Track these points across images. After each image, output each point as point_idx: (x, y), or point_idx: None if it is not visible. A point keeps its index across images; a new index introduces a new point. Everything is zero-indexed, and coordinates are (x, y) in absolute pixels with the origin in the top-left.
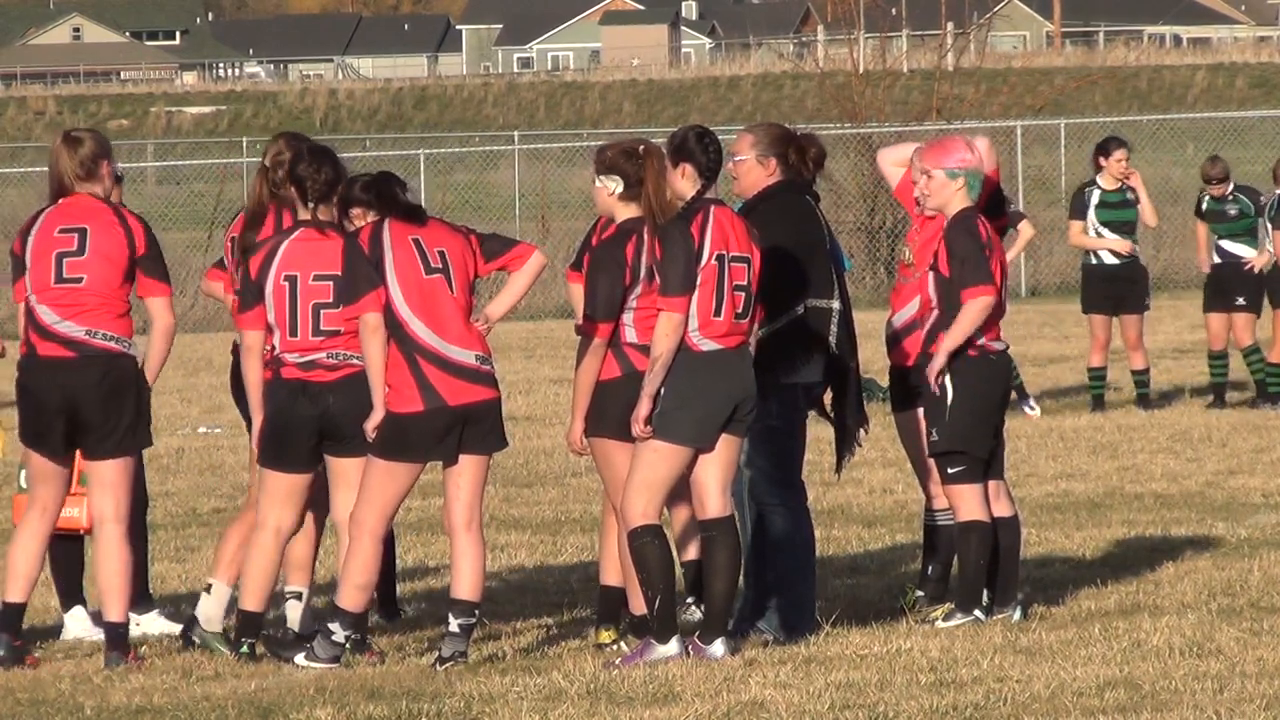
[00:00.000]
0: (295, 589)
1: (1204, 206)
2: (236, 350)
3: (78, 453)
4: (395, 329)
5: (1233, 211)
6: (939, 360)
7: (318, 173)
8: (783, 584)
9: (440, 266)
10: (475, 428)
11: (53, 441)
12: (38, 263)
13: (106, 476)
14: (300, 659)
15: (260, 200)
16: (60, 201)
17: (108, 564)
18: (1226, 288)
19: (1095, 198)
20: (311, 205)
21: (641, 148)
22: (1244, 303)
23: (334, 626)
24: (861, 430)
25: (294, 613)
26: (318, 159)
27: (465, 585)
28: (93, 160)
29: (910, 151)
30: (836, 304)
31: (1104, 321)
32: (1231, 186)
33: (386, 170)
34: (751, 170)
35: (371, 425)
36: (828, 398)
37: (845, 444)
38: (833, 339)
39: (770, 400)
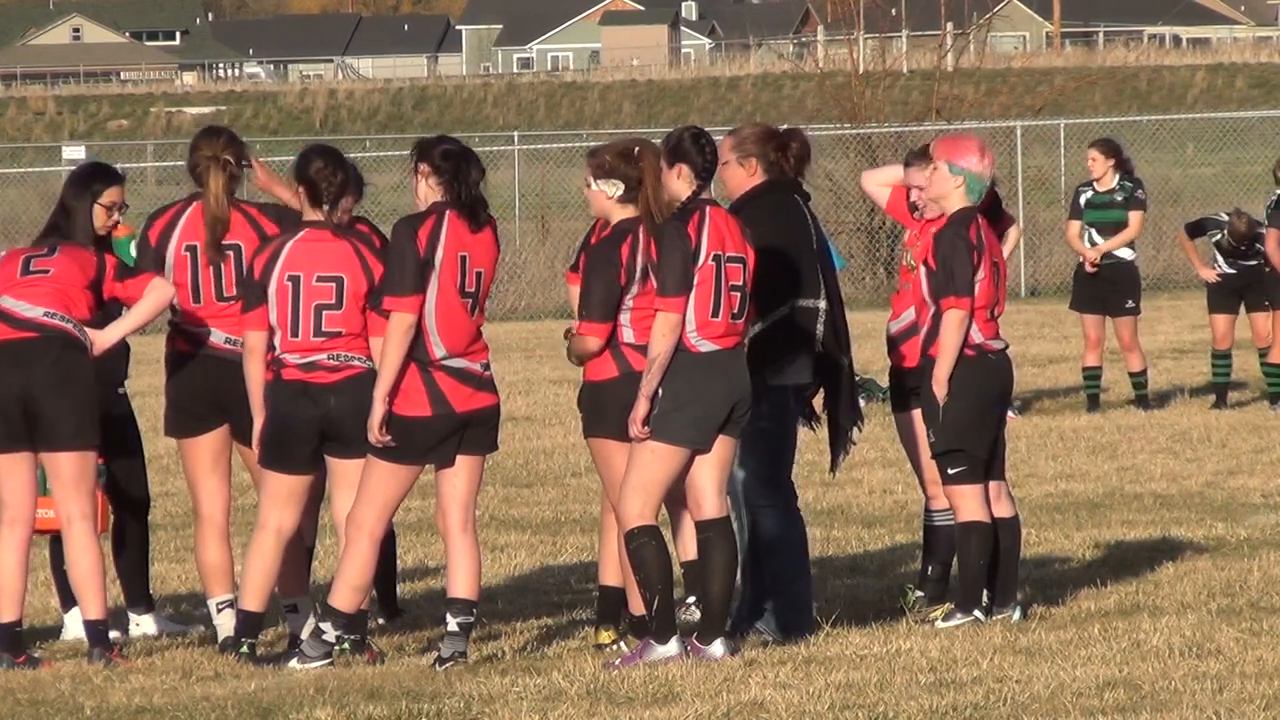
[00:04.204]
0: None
1: None
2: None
3: (34, 456)
4: (415, 337)
5: None
6: (939, 385)
7: (333, 175)
8: (778, 585)
9: (473, 291)
10: (475, 431)
11: (9, 438)
12: (6, 265)
13: (66, 474)
14: (294, 663)
15: (222, 198)
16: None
17: (82, 562)
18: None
19: (1084, 198)
20: (326, 207)
21: (636, 149)
22: None
23: (325, 626)
24: (855, 429)
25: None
26: (332, 162)
27: (462, 584)
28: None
29: (892, 172)
30: (823, 303)
31: (1096, 321)
32: None
33: (470, 149)
34: (735, 173)
35: (375, 423)
36: (821, 399)
37: (839, 443)
38: (819, 338)
39: (761, 402)
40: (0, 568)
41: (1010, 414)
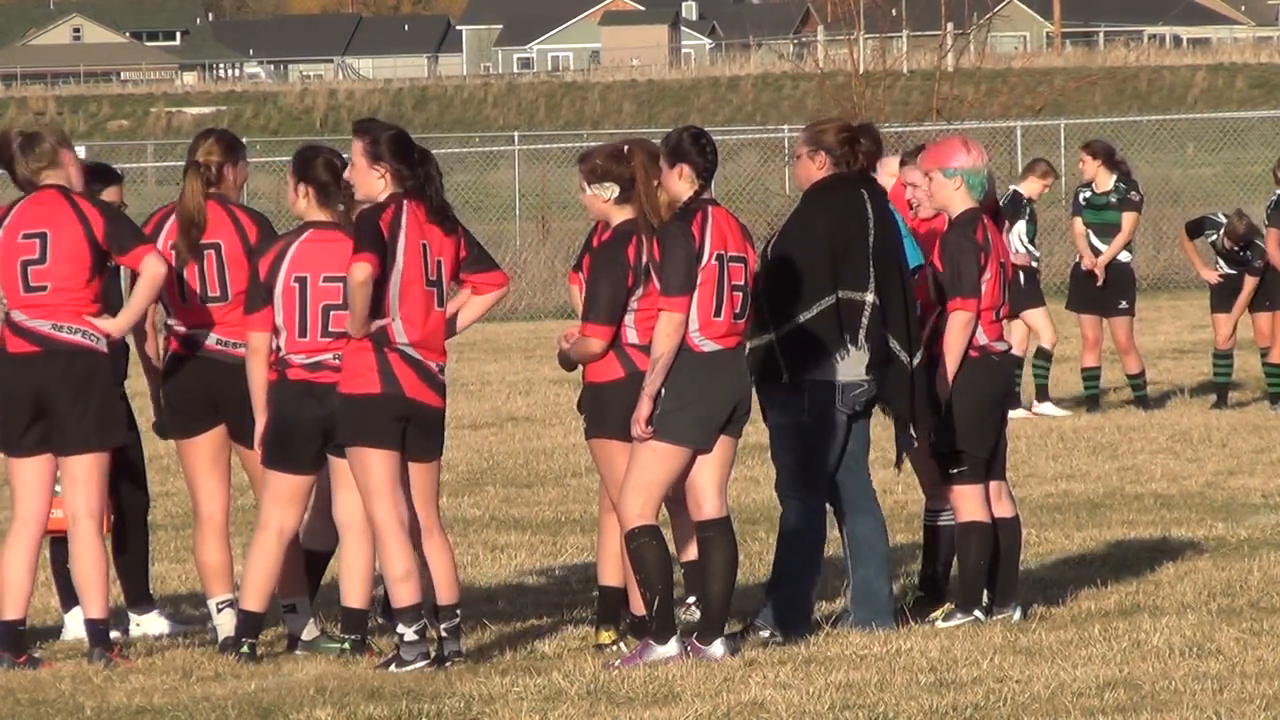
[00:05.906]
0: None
1: None
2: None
3: (53, 458)
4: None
5: None
6: (943, 386)
7: (336, 175)
8: (783, 578)
9: (436, 279)
10: (421, 430)
11: (25, 441)
12: (5, 270)
13: (78, 473)
14: (392, 668)
15: (198, 200)
16: (26, 198)
17: (84, 560)
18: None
19: (1083, 197)
20: (328, 206)
21: (626, 147)
22: None
23: (401, 629)
24: (917, 427)
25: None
26: (334, 161)
27: (443, 590)
28: (53, 151)
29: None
30: (870, 297)
31: (1093, 321)
32: None
33: (430, 153)
34: (804, 166)
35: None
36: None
37: (897, 438)
38: (863, 334)
39: (803, 395)
40: (8, 566)
41: (1025, 412)
